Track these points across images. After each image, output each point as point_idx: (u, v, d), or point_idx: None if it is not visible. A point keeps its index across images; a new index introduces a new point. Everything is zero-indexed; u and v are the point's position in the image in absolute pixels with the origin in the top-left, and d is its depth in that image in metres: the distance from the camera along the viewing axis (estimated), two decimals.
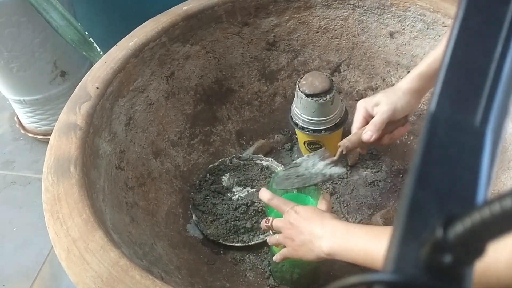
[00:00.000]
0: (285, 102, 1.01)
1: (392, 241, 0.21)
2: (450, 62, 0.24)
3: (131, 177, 0.78)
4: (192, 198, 0.87)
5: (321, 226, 0.56)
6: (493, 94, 0.23)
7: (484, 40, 0.24)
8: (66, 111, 0.73)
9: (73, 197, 0.60)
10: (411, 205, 0.21)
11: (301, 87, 0.82)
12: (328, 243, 0.54)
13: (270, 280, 0.77)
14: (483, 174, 0.22)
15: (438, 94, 0.23)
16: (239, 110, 1.00)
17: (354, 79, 1.01)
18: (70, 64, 1.28)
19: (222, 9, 0.92)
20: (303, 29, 0.99)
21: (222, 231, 0.82)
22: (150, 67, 0.86)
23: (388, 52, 0.96)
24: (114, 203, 0.70)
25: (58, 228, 0.58)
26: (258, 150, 0.95)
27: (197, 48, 0.93)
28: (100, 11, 1.36)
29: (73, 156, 0.65)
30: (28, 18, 1.10)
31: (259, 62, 1.00)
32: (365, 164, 0.92)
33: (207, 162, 0.94)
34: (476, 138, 0.22)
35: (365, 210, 0.86)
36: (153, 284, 0.51)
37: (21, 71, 1.18)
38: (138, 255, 0.64)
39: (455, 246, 0.19)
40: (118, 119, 0.79)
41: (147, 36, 0.84)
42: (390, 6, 0.91)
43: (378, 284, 0.19)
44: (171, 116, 0.91)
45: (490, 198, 0.18)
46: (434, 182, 0.22)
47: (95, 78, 0.77)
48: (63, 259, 0.55)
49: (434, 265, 0.20)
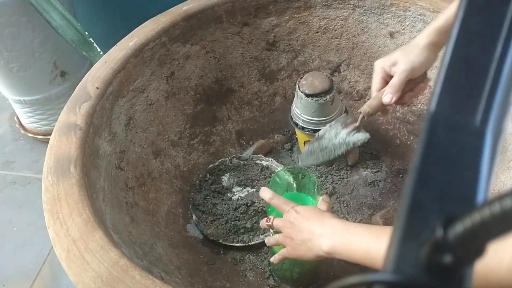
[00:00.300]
0: (285, 102, 1.01)
1: (392, 241, 0.21)
2: (450, 62, 0.24)
3: (131, 177, 0.78)
4: (192, 198, 0.87)
5: (321, 225, 0.56)
6: (493, 94, 0.23)
7: (484, 40, 0.24)
8: (66, 111, 0.73)
9: (73, 197, 0.60)
10: (411, 205, 0.21)
11: (301, 87, 0.82)
12: (328, 242, 0.54)
13: (270, 280, 0.77)
14: (483, 174, 0.22)
15: (438, 94, 0.23)
16: (239, 110, 1.00)
17: (354, 79, 1.01)
18: (70, 64, 1.28)
19: (222, 9, 0.92)
20: (303, 29, 0.99)
21: (222, 231, 0.82)
22: (150, 67, 0.86)
23: (388, 52, 0.96)
24: (114, 203, 0.70)
25: (58, 228, 0.58)
26: (258, 150, 0.95)
27: (197, 48, 0.93)
28: (100, 11, 1.36)
29: (73, 156, 0.65)
30: (28, 18, 1.10)
31: (259, 62, 1.00)
32: (365, 164, 0.92)
33: (207, 162, 0.94)
34: (476, 138, 0.22)
35: (365, 210, 0.86)
36: (153, 284, 0.51)
37: (21, 71, 1.18)
38: (138, 255, 0.64)
39: (455, 246, 0.19)
40: (118, 119, 0.79)
41: (147, 36, 0.84)
42: (390, 6, 0.91)
43: (378, 284, 0.19)
44: (171, 116, 0.91)
45: (490, 198, 0.18)
46: (434, 182, 0.22)
47: (95, 78, 0.77)
48: (63, 259, 0.55)
49: (434, 265, 0.20)
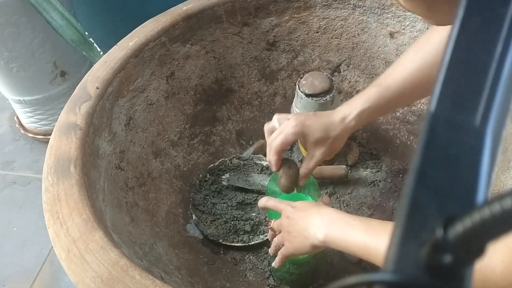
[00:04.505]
0: (285, 102, 1.01)
1: (392, 241, 0.21)
2: (450, 62, 0.24)
3: (131, 177, 0.78)
4: (192, 198, 0.87)
5: (318, 214, 0.56)
6: (493, 94, 0.23)
7: (484, 40, 0.24)
8: (66, 111, 0.73)
9: (73, 197, 0.60)
10: (411, 205, 0.21)
11: (301, 87, 0.82)
12: (324, 231, 0.54)
13: (270, 280, 0.77)
14: (483, 174, 0.22)
15: (438, 94, 0.23)
16: (239, 110, 1.00)
17: (354, 79, 1.01)
18: (70, 64, 1.28)
19: (222, 9, 0.92)
20: (303, 29, 0.99)
21: (222, 231, 0.82)
22: (150, 67, 0.86)
23: (388, 52, 0.96)
24: (114, 203, 0.70)
25: (58, 228, 0.58)
26: (258, 150, 0.95)
27: (197, 48, 0.93)
28: (100, 11, 1.36)
29: (73, 156, 0.65)
30: (28, 18, 1.10)
31: (259, 62, 1.00)
32: (365, 164, 0.92)
33: (207, 162, 0.94)
34: (476, 138, 0.22)
35: (365, 210, 0.86)
36: (153, 284, 0.51)
37: (21, 71, 1.18)
38: (138, 255, 0.64)
39: (455, 246, 0.19)
40: (118, 119, 0.79)
41: (147, 36, 0.84)
42: (390, 6, 0.91)
43: (378, 284, 0.19)
44: (171, 116, 0.91)
45: (490, 198, 0.18)
46: (434, 182, 0.22)
47: (95, 78, 0.77)
48: (63, 259, 0.55)
49: (434, 265, 0.20)
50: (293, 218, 0.58)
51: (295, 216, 0.59)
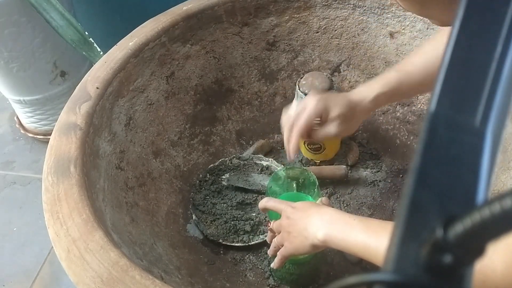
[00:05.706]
0: (285, 102, 1.01)
1: (392, 241, 0.21)
2: (450, 62, 0.24)
3: (131, 177, 0.78)
4: (192, 198, 0.87)
5: (318, 214, 0.56)
6: (493, 94, 0.23)
7: (484, 40, 0.24)
8: (66, 111, 0.73)
9: (73, 197, 0.60)
10: (411, 205, 0.21)
11: (301, 87, 0.82)
12: (323, 230, 0.54)
13: (270, 280, 0.77)
14: (483, 174, 0.22)
15: (438, 94, 0.23)
16: (239, 110, 1.00)
17: (354, 79, 1.01)
18: (70, 64, 1.28)
19: (222, 9, 0.92)
20: (303, 29, 0.99)
21: (222, 231, 0.82)
22: (150, 67, 0.86)
23: (388, 52, 0.96)
24: (114, 203, 0.70)
25: (58, 228, 0.58)
26: (258, 150, 0.95)
27: (197, 48, 0.93)
28: (100, 11, 1.36)
29: (73, 156, 0.65)
30: (28, 18, 1.10)
31: (259, 62, 1.00)
32: (365, 164, 0.92)
33: (207, 162, 0.93)
34: (476, 138, 0.22)
35: (365, 210, 0.86)
36: (153, 284, 0.51)
37: (21, 71, 1.18)
38: (138, 255, 0.64)
39: (455, 246, 0.19)
40: (118, 119, 0.79)
41: (147, 36, 0.84)
42: (390, 6, 0.91)
43: (378, 284, 0.19)
44: (171, 116, 0.91)
45: (490, 198, 0.18)
46: (434, 182, 0.22)
47: (95, 78, 0.77)
48: (63, 259, 0.55)
49: (434, 265, 0.20)
50: (293, 219, 0.58)
51: (295, 216, 0.59)
